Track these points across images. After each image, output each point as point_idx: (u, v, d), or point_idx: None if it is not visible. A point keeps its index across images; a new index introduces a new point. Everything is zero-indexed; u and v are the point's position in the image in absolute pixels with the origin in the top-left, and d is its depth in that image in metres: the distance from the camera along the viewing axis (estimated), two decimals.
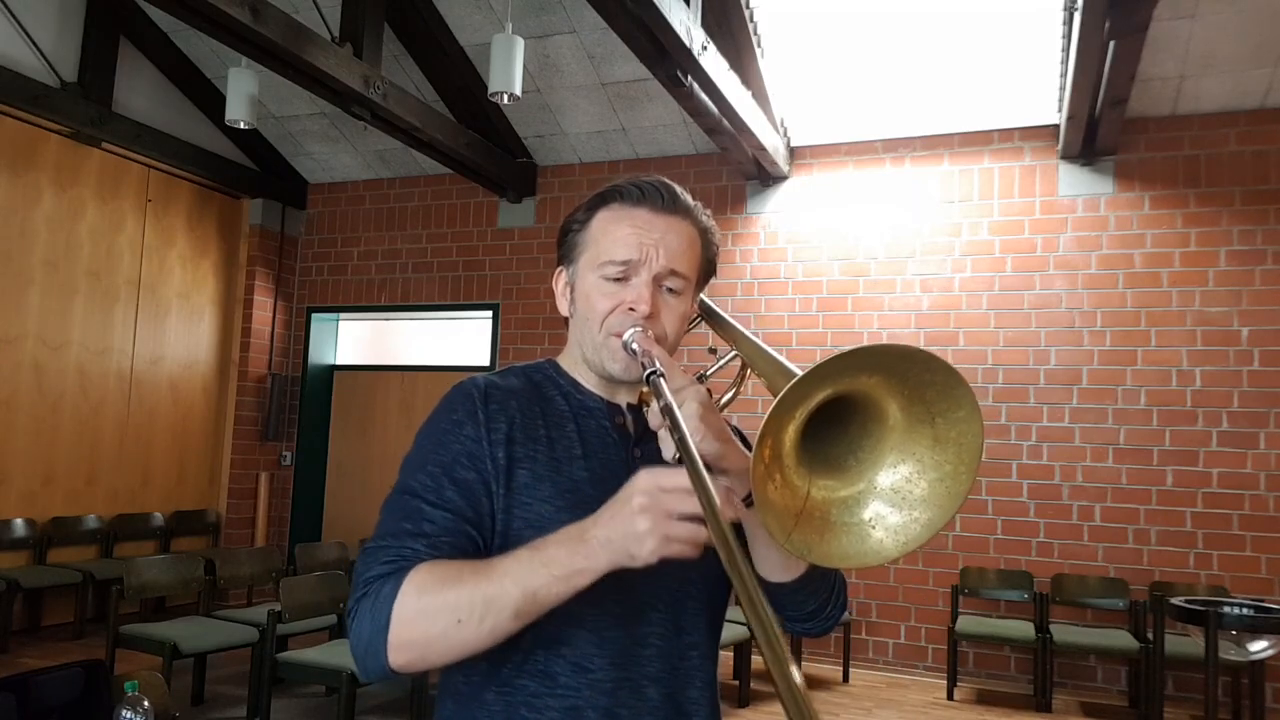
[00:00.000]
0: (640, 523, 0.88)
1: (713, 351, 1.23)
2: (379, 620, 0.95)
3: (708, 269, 1.20)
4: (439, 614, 0.94)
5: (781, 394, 0.83)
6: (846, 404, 0.91)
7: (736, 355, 1.18)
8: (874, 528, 0.93)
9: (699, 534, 0.87)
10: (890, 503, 0.93)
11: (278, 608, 4.22)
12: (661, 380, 0.99)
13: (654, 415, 0.99)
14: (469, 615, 0.93)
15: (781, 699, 0.69)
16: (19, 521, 6.06)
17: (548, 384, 1.18)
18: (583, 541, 0.92)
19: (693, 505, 0.87)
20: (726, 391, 1.20)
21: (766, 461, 0.87)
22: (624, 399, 1.19)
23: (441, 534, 1.02)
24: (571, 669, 1.05)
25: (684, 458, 0.89)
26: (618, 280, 1.12)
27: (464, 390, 1.13)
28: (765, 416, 0.84)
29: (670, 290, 1.13)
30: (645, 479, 0.91)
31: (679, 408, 0.95)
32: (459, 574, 0.96)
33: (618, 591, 1.05)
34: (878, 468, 0.94)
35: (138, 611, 6.06)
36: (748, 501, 0.97)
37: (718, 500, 0.82)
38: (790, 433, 0.89)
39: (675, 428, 0.92)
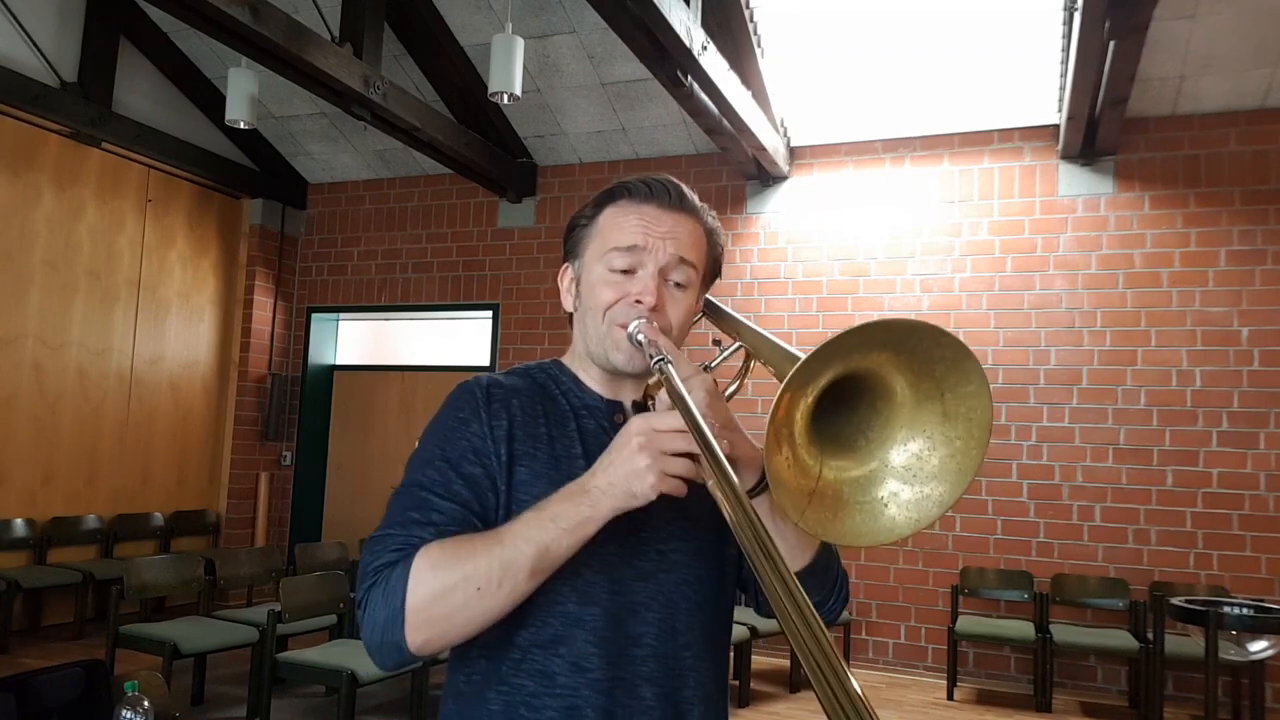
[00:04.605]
0: (640, 459, 0.93)
1: (717, 344, 1.23)
2: (393, 604, 0.97)
3: (713, 268, 1.21)
4: (457, 586, 0.96)
5: (790, 374, 0.84)
6: (854, 384, 0.91)
7: (740, 348, 1.18)
8: (887, 505, 0.93)
9: (694, 468, 0.93)
10: (902, 479, 0.93)
11: (278, 608, 4.21)
12: (670, 366, 1.00)
13: (663, 404, 1.00)
14: (487, 582, 0.95)
15: (801, 641, 0.72)
16: (19, 521, 6.06)
17: (550, 383, 1.19)
18: (584, 492, 0.96)
19: (686, 442, 0.92)
20: (730, 384, 1.20)
21: (778, 443, 0.87)
22: (627, 395, 1.19)
23: (449, 524, 1.04)
24: (569, 668, 1.05)
25: (696, 439, 0.91)
26: (624, 273, 1.13)
27: (467, 389, 1.15)
28: (775, 398, 0.84)
29: (676, 284, 1.14)
30: (639, 422, 0.96)
31: (688, 395, 0.96)
32: (470, 544, 0.98)
33: (614, 592, 1.07)
34: (888, 445, 0.94)
35: (138, 611, 6.06)
36: (757, 489, 0.98)
37: (717, 448, 0.88)
38: (800, 415, 0.89)
39: (686, 412, 0.93)
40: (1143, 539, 5.48)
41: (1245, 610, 4.22)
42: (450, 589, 0.96)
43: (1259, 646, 4.20)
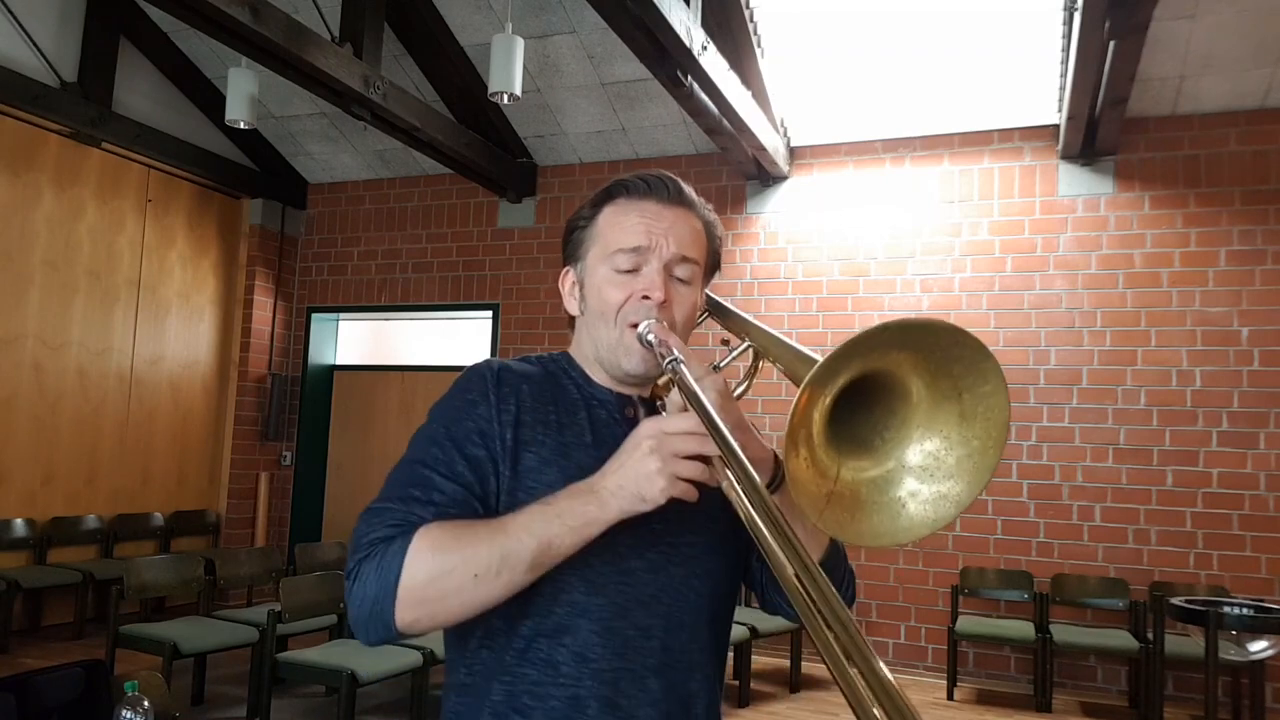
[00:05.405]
0: (650, 463, 0.93)
1: (725, 344, 1.23)
2: (387, 580, 0.96)
3: (714, 261, 1.21)
4: (455, 570, 0.95)
5: (809, 376, 0.84)
6: (870, 385, 0.91)
7: (749, 348, 1.18)
8: (905, 505, 0.93)
9: (705, 472, 0.93)
10: (920, 479, 0.93)
11: (278, 608, 4.22)
12: (683, 367, 1.01)
13: (674, 404, 1.01)
14: (485, 570, 0.95)
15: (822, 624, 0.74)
16: (19, 521, 6.06)
17: (561, 373, 1.20)
18: (593, 493, 0.96)
19: (698, 445, 0.93)
20: (739, 384, 1.20)
21: (796, 444, 0.87)
22: (635, 394, 1.20)
23: (450, 505, 1.03)
24: (574, 658, 1.05)
25: (714, 439, 0.91)
26: (629, 271, 1.13)
27: (478, 371, 1.15)
28: (794, 401, 0.84)
29: (680, 279, 1.14)
30: (651, 424, 0.96)
31: (703, 394, 0.96)
32: (472, 530, 0.98)
33: (621, 583, 1.07)
34: (905, 445, 0.93)
35: (138, 611, 6.06)
36: (770, 488, 0.99)
37: (735, 445, 0.88)
38: (818, 416, 0.89)
39: (702, 411, 0.93)
40: (1143, 539, 5.48)
41: (1245, 610, 4.22)
42: (448, 572, 0.95)
43: (1259, 646, 4.20)
